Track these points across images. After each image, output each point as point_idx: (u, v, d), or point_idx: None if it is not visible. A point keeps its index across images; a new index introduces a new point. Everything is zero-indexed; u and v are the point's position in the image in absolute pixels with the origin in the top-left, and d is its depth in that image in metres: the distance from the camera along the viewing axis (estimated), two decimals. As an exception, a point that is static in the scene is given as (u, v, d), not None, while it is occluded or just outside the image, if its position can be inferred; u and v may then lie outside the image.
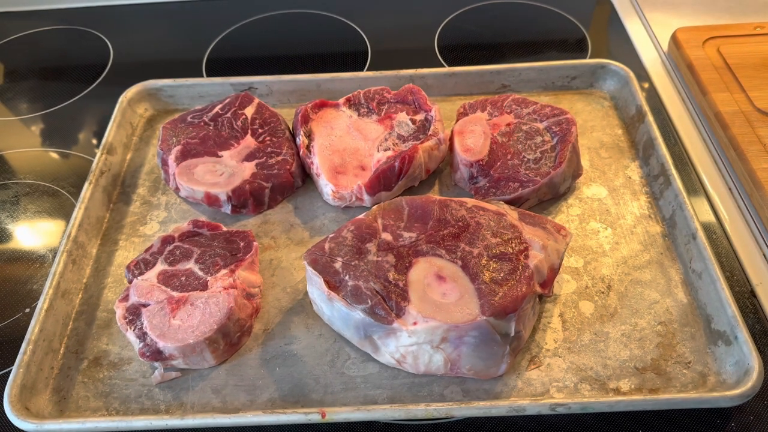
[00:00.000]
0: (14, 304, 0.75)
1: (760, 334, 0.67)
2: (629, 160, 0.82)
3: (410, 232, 0.67)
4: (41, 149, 0.94)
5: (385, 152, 0.79)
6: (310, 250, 0.66)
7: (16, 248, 0.81)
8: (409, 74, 0.91)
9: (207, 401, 0.62)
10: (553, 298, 0.68)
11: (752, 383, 0.57)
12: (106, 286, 0.73)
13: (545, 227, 0.67)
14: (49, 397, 0.63)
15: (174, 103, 0.94)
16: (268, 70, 0.95)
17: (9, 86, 1.06)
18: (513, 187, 0.74)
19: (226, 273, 0.67)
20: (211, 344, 0.62)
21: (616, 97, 0.90)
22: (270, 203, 0.80)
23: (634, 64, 1.00)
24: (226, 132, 0.83)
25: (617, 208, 0.77)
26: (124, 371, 0.65)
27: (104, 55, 1.11)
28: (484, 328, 0.58)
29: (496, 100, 0.83)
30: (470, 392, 0.62)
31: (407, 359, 0.61)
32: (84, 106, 1.01)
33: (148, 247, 0.72)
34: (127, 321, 0.64)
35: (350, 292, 0.61)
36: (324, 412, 0.58)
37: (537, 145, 0.78)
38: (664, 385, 0.61)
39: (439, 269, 0.63)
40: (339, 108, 0.85)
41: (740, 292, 0.71)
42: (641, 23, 1.10)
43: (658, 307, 0.67)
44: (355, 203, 0.78)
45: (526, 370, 0.63)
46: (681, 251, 0.71)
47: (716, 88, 0.89)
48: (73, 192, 0.86)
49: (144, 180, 0.84)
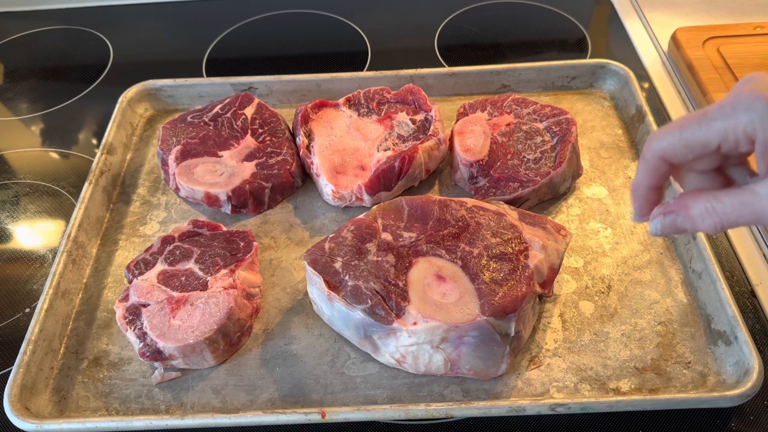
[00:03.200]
0: (14, 304, 0.75)
1: (760, 334, 0.67)
2: (629, 160, 0.82)
3: (410, 232, 0.67)
4: (41, 149, 0.94)
5: (385, 152, 0.79)
6: (310, 250, 0.66)
7: (16, 248, 0.81)
8: (409, 74, 0.91)
9: (207, 401, 0.62)
10: (553, 298, 0.68)
11: (752, 383, 0.57)
12: (106, 286, 0.73)
13: (545, 227, 0.67)
14: (49, 397, 0.63)
15: (174, 103, 0.94)
16: (268, 70, 0.95)
17: (9, 86, 1.06)
18: (513, 187, 0.74)
19: (226, 273, 0.67)
20: (211, 344, 0.62)
21: (616, 97, 0.90)
22: (270, 203, 0.80)
23: (634, 64, 1.00)
24: (226, 132, 0.83)
25: (617, 208, 0.77)
26: (124, 371, 0.65)
27: (104, 55, 1.11)
28: (484, 328, 0.58)
29: (496, 100, 0.83)
30: (470, 392, 0.62)
31: (407, 359, 0.61)
32: (84, 106, 1.01)
33: (148, 247, 0.72)
34: (127, 321, 0.64)
35: (350, 292, 0.61)
36: (324, 412, 0.58)
37: (537, 145, 0.78)
38: (664, 385, 0.61)
39: (439, 269, 0.63)
40: (339, 108, 0.85)
41: (740, 292, 0.71)
42: (641, 23, 1.10)
43: (658, 307, 0.67)
44: (355, 203, 0.78)
45: (526, 370, 0.63)
46: (681, 251, 0.71)
47: (716, 88, 0.89)
48: (73, 192, 0.86)
49: (144, 180, 0.84)
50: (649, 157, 0.44)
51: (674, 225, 0.44)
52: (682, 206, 0.44)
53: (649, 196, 0.46)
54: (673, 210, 0.44)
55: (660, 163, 0.44)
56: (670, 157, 0.43)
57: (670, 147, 0.43)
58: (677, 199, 0.44)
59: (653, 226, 0.46)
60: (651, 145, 0.44)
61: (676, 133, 0.42)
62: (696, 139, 0.41)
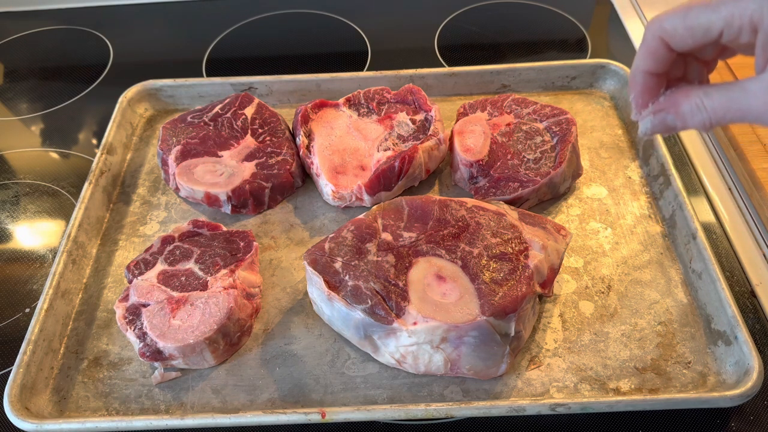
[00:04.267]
0: (14, 304, 0.75)
1: (760, 334, 0.67)
2: (629, 160, 0.82)
3: (410, 232, 0.67)
4: (41, 149, 0.94)
5: (385, 152, 0.79)
6: (310, 250, 0.66)
7: (16, 248, 0.81)
8: (409, 74, 0.91)
9: (207, 401, 0.62)
10: (553, 298, 0.68)
11: (752, 383, 0.57)
12: (106, 286, 0.73)
13: (545, 227, 0.67)
14: (49, 397, 0.63)
15: (174, 103, 0.94)
16: (268, 70, 0.95)
17: (9, 86, 1.06)
18: (513, 187, 0.74)
19: (226, 273, 0.67)
20: (211, 344, 0.62)
21: (616, 97, 0.90)
22: (270, 203, 0.80)
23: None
24: (226, 132, 0.83)
25: (617, 208, 0.77)
26: (124, 371, 0.65)
27: (104, 55, 1.11)
28: (484, 328, 0.58)
29: (496, 100, 0.83)
30: (470, 392, 0.62)
31: (407, 359, 0.61)
32: (84, 106, 1.01)
33: (148, 247, 0.72)
34: (127, 321, 0.64)
35: (350, 292, 0.61)
36: (324, 412, 0.58)
37: (537, 145, 0.78)
38: (664, 385, 0.61)
39: (439, 269, 0.63)
40: (339, 108, 0.85)
41: (740, 292, 0.71)
42: (641, 23, 1.10)
43: (658, 307, 0.67)
44: (355, 203, 0.78)
45: (526, 370, 0.63)
46: (681, 251, 0.71)
47: (716, 88, 0.89)
48: (73, 192, 0.86)
49: (144, 180, 0.84)
50: (649, 38, 0.43)
51: (664, 123, 0.44)
52: (672, 103, 0.43)
53: (647, 83, 0.45)
54: (663, 108, 0.43)
55: (659, 45, 0.42)
56: (670, 40, 0.42)
57: (671, 28, 0.41)
58: (667, 96, 0.43)
59: (643, 126, 0.45)
60: (652, 26, 0.42)
61: (680, 15, 0.41)
62: (700, 23, 0.40)
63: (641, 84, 0.45)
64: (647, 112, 0.45)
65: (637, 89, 0.45)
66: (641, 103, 0.45)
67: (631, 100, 0.46)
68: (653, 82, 0.45)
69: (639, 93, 0.45)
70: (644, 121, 0.45)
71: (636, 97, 0.46)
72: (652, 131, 0.45)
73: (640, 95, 0.45)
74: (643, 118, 0.45)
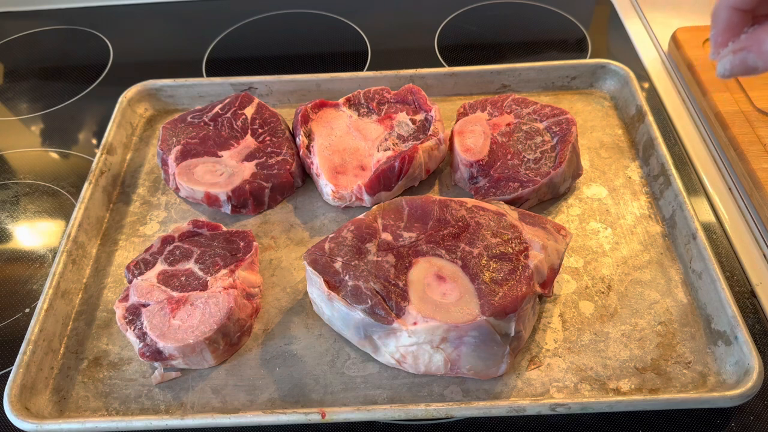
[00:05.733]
0: (14, 304, 0.75)
1: (760, 334, 0.67)
2: (629, 160, 0.82)
3: (410, 232, 0.67)
4: (41, 149, 0.94)
5: (385, 152, 0.79)
6: (310, 250, 0.66)
7: (16, 248, 0.81)
8: (409, 74, 0.91)
9: (207, 401, 0.62)
10: (553, 298, 0.68)
11: (752, 383, 0.57)
12: (106, 286, 0.73)
13: (545, 227, 0.67)
14: (49, 397, 0.63)
15: (174, 103, 0.94)
16: (268, 70, 0.95)
17: (9, 86, 1.06)
18: (513, 187, 0.74)
19: (226, 273, 0.67)
20: (211, 344, 0.62)
21: (616, 97, 0.90)
22: (270, 203, 0.80)
23: (634, 64, 1.00)
24: (226, 132, 0.83)
25: (617, 208, 0.77)
26: (124, 371, 0.65)
27: (104, 55, 1.11)
28: (484, 328, 0.58)
29: (496, 100, 0.83)
30: (470, 392, 0.62)
31: (407, 359, 0.61)
32: (84, 106, 1.01)
33: (148, 247, 0.72)
34: (127, 321, 0.64)
35: (350, 292, 0.61)
36: (324, 412, 0.58)
37: (537, 145, 0.78)
38: (664, 385, 0.61)
39: (439, 269, 0.63)
40: (339, 108, 0.85)
41: (740, 292, 0.71)
42: (641, 23, 1.10)
43: (658, 307, 0.67)
44: (355, 203, 0.78)
45: (526, 370, 0.63)
46: (681, 251, 0.71)
47: (716, 88, 0.89)
48: (73, 192, 0.86)
49: (144, 180, 0.84)
50: None
51: (745, 63, 0.40)
52: (755, 40, 0.39)
53: (731, 19, 0.41)
54: (744, 47, 0.40)
55: None
56: None
57: None
58: (749, 34, 0.40)
59: (721, 65, 0.41)
60: None
61: None
62: None
63: (725, 20, 0.41)
64: (727, 51, 0.41)
65: (720, 26, 0.42)
66: (721, 41, 0.42)
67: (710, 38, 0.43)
68: (737, 18, 0.41)
69: (720, 30, 0.42)
70: (723, 60, 0.41)
71: (716, 35, 0.42)
72: (731, 72, 0.41)
73: (721, 33, 0.42)
74: (722, 58, 0.41)
